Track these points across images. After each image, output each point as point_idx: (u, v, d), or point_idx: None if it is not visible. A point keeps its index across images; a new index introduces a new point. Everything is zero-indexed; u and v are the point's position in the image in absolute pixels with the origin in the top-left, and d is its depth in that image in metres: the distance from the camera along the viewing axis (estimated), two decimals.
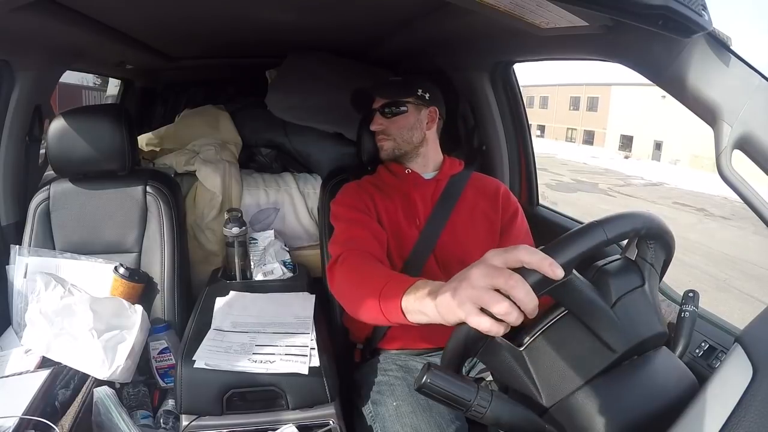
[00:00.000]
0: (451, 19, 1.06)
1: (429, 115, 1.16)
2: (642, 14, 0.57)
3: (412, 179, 1.15)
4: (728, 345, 0.67)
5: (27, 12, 0.87)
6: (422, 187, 1.14)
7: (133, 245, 1.23)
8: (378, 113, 1.16)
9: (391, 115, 1.14)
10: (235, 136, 1.65)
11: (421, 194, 1.13)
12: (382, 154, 1.18)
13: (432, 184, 1.15)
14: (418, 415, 0.90)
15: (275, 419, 0.87)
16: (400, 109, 1.14)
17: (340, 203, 1.12)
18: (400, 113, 1.14)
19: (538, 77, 32.07)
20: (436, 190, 1.14)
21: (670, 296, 0.99)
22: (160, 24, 1.27)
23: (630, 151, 24.45)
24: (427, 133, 1.16)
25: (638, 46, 0.72)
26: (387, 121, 1.15)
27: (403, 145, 1.15)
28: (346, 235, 1.02)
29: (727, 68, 0.64)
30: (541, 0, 0.62)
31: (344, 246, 0.97)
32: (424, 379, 0.53)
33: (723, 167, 0.64)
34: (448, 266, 1.07)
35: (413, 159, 1.17)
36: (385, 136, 1.16)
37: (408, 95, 1.14)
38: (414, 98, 1.14)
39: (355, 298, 0.81)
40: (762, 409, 0.45)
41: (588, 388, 0.54)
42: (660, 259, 0.63)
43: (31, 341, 1.01)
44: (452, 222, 1.10)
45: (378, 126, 1.16)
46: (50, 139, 1.17)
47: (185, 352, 0.90)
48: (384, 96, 1.16)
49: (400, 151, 1.15)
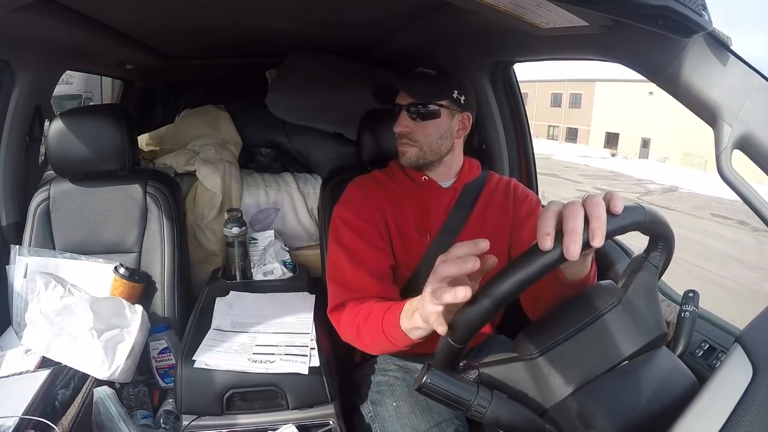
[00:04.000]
0: (451, 19, 1.06)
1: (461, 122, 1.00)
2: (642, 14, 0.57)
3: (428, 187, 1.03)
4: (728, 345, 0.67)
5: (27, 12, 0.87)
6: (438, 196, 1.02)
7: (133, 245, 1.23)
8: (404, 112, 0.98)
9: (420, 117, 0.97)
10: (235, 136, 1.65)
11: (436, 204, 1.02)
12: (402, 161, 1.02)
13: (449, 192, 1.03)
14: (418, 416, 0.90)
15: (275, 419, 0.87)
16: (432, 111, 0.97)
17: (344, 216, 0.99)
18: (430, 117, 0.97)
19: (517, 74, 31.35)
20: (452, 198, 1.03)
21: (670, 296, 0.98)
22: (160, 24, 1.27)
23: (616, 149, 24.11)
24: (455, 142, 1.01)
25: (638, 46, 0.72)
26: (414, 123, 0.98)
27: (429, 154, 0.99)
28: (348, 276, 0.92)
29: (727, 68, 0.64)
30: (541, 0, 0.62)
31: (347, 293, 0.91)
32: (424, 379, 0.53)
33: (723, 167, 0.64)
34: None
35: (435, 168, 1.03)
36: (410, 141, 0.99)
37: (443, 96, 0.97)
38: (449, 101, 0.98)
39: (366, 341, 0.86)
40: (762, 408, 0.45)
41: (588, 388, 0.54)
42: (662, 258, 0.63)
43: (31, 341, 1.01)
44: (465, 233, 1.00)
45: (403, 128, 0.98)
46: (50, 139, 1.17)
47: (185, 352, 0.90)
48: (416, 95, 0.98)
49: (424, 161, 1.00)
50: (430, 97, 0.97)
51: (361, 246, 0.95)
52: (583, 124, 26.21)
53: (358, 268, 0.92)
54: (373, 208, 0.99)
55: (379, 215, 0.99)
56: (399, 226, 1.00)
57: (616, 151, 23.90)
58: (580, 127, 26.58)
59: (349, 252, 0.95)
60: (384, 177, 1.07)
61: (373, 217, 0.98)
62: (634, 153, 23.40)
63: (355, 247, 0.95)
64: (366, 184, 1.05)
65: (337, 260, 0.95)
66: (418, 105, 0.97)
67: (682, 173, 18.12)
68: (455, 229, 1.00)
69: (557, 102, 27.90)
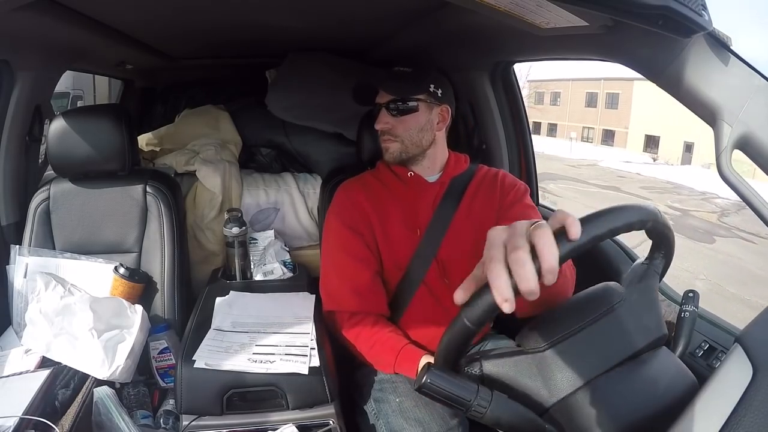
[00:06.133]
0: (451, 19, 1.06)
1: (440, 114, 1.05)
2: (642, 14, 0.57)
3: (414, 184, 1.07)
4: (728, 345, 0.67)
5: (27, 12, 0.87)
6: (425, 192, 1.06)
7: (133, 245, 1.23)
8: (384, 110, 1.04)
9: (399, 113, 1.02)
10: (235, 136, 1.65)
11: (424, 199, 1.06)
12: (386, 157, 1.06)
13: (435, 187, 1.07)
14: (422, 409, 0.91)
15: (275, 419, 0.87)
16: (410, 106, 1.01)
17: (331, 223, 1.07)
18: (409, 111, 1.02)
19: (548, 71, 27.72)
20: (438, 193, 1.06)
21: (670, 296, 0.98)
22: (160, 24, 1.27)
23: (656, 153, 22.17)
24: (437, 135, 1.06)
25: (638, 46, 0.72)
26: (394, 120, 1.03)
27: (411, 148, 1.04)
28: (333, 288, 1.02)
29: (727, 68, 0.64)
30: (541, 0, 0.62)
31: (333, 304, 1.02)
32: (424, 379, 0.53)
33: (723, 167, 0.64)
34: (450, 273, 1.03)
35: (419, 162, 1.07)
36: (392, 137, 1.03)
37: (419, 91, 1.02)
38: (426, 95, 1.02)
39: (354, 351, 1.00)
40: (762, 409, 0.45)
41: (588, 388, 0.54)
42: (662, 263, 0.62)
43: (31, 341, 1.01)
44: (454, 226, 1.03)
45: (384, 125, 1.04)
46: (50, 139, 1.17)
47: (185, 352, 0.90)
48: (392, 91, 1.03)
49: (407, 155, 1.04)
50: (407, 93, 1.02)
51: (346, 260, 1.02)
52: (621, 126, 24.15)
53: (342, 283, 1.01)
54: (357, 214, 1.04)
55: (364, 221, 1.04)
56: (385, 228, 1.04)
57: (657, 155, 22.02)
58: (617, 129, 24.51)
59: (334, 264, 1.03)
60: (372, 178, 1.11)
61: (357, 223, 1.04)
62: (675, 158, 21.68)
63: (340, 261, 1.03)
64: (352, 188, 1.10)
65: (325, 269, 1.05)
66: (398, 102, 1.02)
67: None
68: (445, 221, 1.04)
69: (592, 102, 25.96)
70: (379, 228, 1.04)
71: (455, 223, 1.04)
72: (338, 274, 1.02)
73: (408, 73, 1.05)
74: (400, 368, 0.93)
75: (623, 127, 24.04)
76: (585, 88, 25.84)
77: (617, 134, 24.67)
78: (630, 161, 20.25)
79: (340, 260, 1.03)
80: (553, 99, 28.82)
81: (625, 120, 23.70)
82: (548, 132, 28.70)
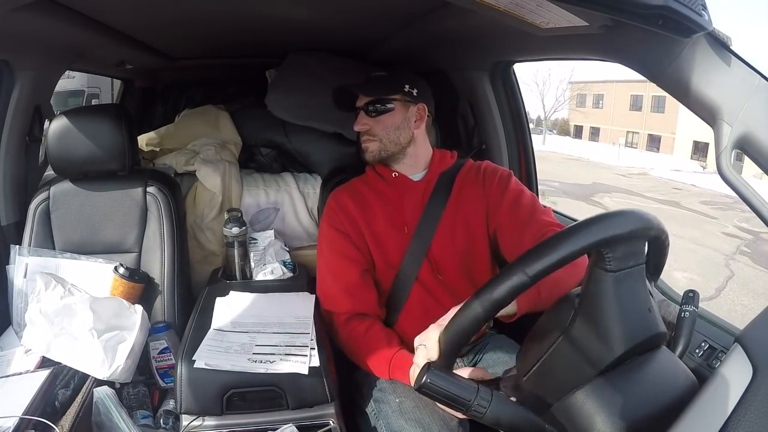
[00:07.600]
0: (451, 19, 1.06)
1: (417, 112, 1.08)
2: (642, 14, 0.57)
3: (399, 183, 1.09)
4: (728, 345, 0.67)
5: (27, 12, 0.87)
6: (411, 191, 1.08)
7: (133, 245, 1.23)
8: (362, 112, 1.08)
9: (376, 114, 1.06)
10: (235, 136, 1.65)
11: (410, 198, 1.08)
12: (366, 156, 1.10)
13: (421, 185, 1.09)
14: (422, 410, 0.91)
15: (275, 419, 0.87)
16: (386, 107, 1.06)
17: (323, 229, 1.12)
18: (385, 112, 1.06)
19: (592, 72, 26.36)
20: (425, 191, 1.08)
21: (670, 296, 0.98)
22: (161, 24, 1.27)
23: (705, 161, 19.84)
24: (415, 132, 1.08)
25: (638, 46, 0.72)
26: (372, 120, 1.07)
27: (390, 146, 1.07)
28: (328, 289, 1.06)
29: (727, 68, 0.64)
30: (541, 0, 0.63)
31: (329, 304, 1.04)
32: (424, 379, 0.53)
33: (723, 167, 0.64)
34: (443, 270, 1.05)
35: (400, 160, 1.09)
36: (370, 137, 1.07)
37: (394, 92, 1.06)
38: (401, 95, 1.06)
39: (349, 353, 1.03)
40: (762, 408, 0.45)
41: (588, 388, 0.54)
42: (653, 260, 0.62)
43: (31, 341, 1.01)
44: (444, 223, 1.05)
45: (362, 126, 1.08)
46: (50, 139, 1.17)
47: (185, 352, 0.90)
48: (368, 93, 1.07)
49: (386, 153, 1.07)
50: (382, 93, 1.07)
51: (336, 260, 1.06)
52: (668, 131, 22.06)
53: (335, 283, 1.05)
54: (344, 217, 1.08)
55: (351, 223, 1.07)
56: (372, 228, 1.07)
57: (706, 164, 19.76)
58: (663, 135, 22.48)
59: (326, 265, 1.08)
60: (359, 183, 1.16)
61: (345, 225, 1.07)
62: None
63: (331, 262, 1.07)
64: (341, 195, 1.13)
65: (320, 273, 1.09)
66: (375, 103, 1.06)
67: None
68: (435, 218, 1.06)
69: (637, 105, 23.85)
70: (366, 229, 1.07)
71: (445, 219, 1.06)
72: (331, 274, 1.07)
73: (383, 75, 1.13)
74: (394, 375, 0.94)
75: (670, 132, 21.91)
76: (630, 90, 23.70)
77: (663, 139, 22.60)
78: (679, 170, 18.20)
79: (331, 261, 1.07)
80: (596, 101, 26.65)
81: (672, 125, 21.48)
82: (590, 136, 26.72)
